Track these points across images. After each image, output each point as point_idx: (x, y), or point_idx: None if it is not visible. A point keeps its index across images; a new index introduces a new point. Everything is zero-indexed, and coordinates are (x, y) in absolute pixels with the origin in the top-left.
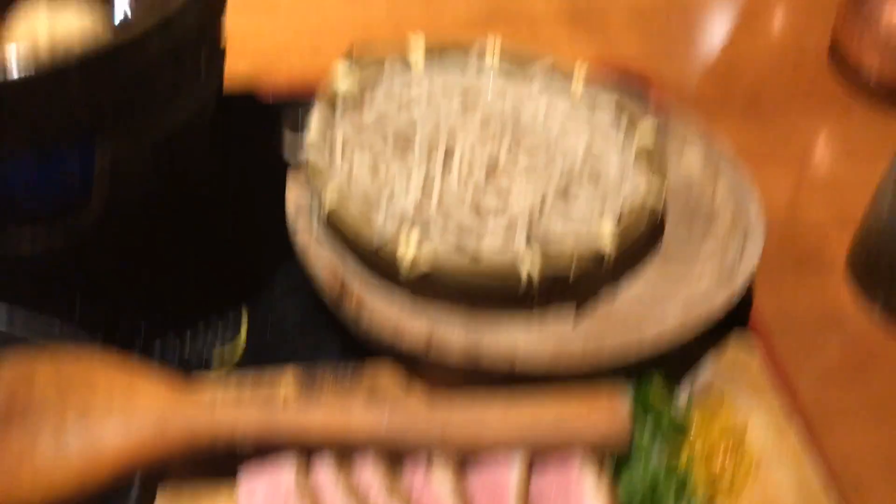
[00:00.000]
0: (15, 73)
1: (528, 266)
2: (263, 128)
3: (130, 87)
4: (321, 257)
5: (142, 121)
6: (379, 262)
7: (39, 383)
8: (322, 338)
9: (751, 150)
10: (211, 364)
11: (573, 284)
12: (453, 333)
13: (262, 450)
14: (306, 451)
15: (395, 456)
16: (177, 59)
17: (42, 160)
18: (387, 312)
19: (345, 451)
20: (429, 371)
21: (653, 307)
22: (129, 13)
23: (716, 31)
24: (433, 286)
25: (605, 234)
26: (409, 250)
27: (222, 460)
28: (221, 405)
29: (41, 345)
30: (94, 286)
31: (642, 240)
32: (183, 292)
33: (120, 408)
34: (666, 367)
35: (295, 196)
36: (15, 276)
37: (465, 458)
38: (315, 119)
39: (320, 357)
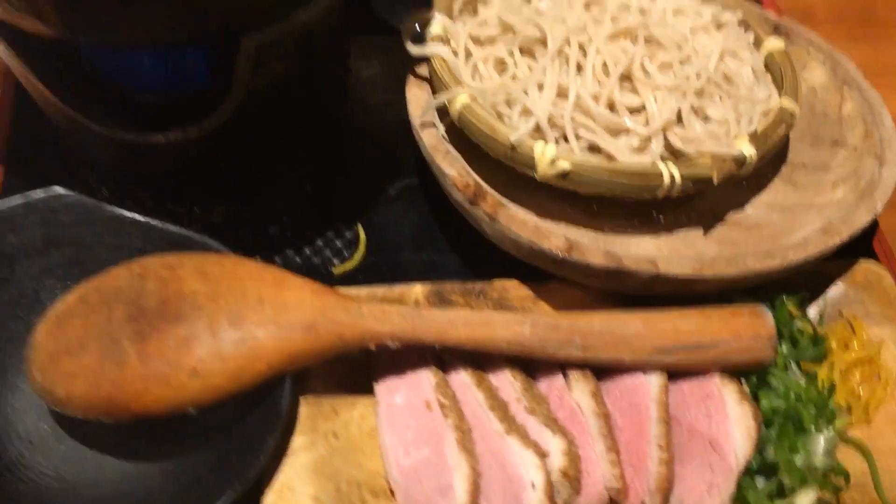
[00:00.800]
0: None
1: (670, 167)
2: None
3: None
4: (451, 158)
5: (292, 9)
6: (513, 162)
7: (189, 283)
8: (440, 256)
9: (864, 69)
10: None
11: (701, 191)
12: (590, 235)
13: (398, 360)
14: (441, 361)
15: (530, 368)
16: None
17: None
18: (525, 213)
19: (481, 361)
20: (564, 277)
21: (787, 213)
22: None
23: None
24: (567, 189)
25: (744, 137)
26: (546, 149)
27: (357, 377)
28: (369, 310)
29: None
30: (217, 192)
31: (780, 144)
32: (300, 207)
33: (271, 311)
34: (798, 288)
35: (416, 95)
36: (150, 176)
37: (602, 369)
38: (435, 14)
39: (437, 276)
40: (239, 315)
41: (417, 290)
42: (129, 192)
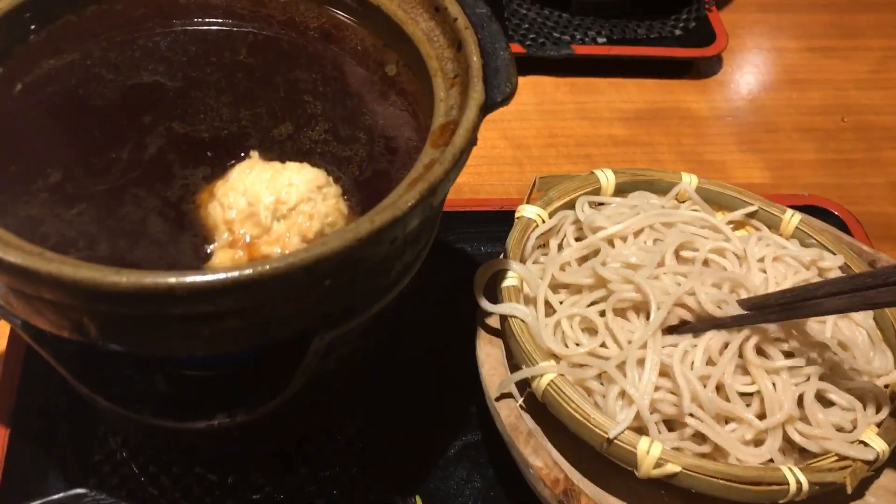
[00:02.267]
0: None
1: (797, 475)
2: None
3: (373, 272)
4: (534, 442)
5: (367, 306)
6: (610, 455)
7: None
8: None
9: None
10: None
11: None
12: None
13: None
14: None
15: None
16: (420, 233)
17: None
18: None
19: None
20: None
21: None
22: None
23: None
24: (671, 484)
25: (872, 428)
26: (650, 446)
27: None
28: None
29: None
30: (255, 458)
31: None
32: (350, 474)
33: None
34: None
35: (488, 354)
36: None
37: None
38: (510, 263)
39: None
40: None
41: None
42: (155, 457)
